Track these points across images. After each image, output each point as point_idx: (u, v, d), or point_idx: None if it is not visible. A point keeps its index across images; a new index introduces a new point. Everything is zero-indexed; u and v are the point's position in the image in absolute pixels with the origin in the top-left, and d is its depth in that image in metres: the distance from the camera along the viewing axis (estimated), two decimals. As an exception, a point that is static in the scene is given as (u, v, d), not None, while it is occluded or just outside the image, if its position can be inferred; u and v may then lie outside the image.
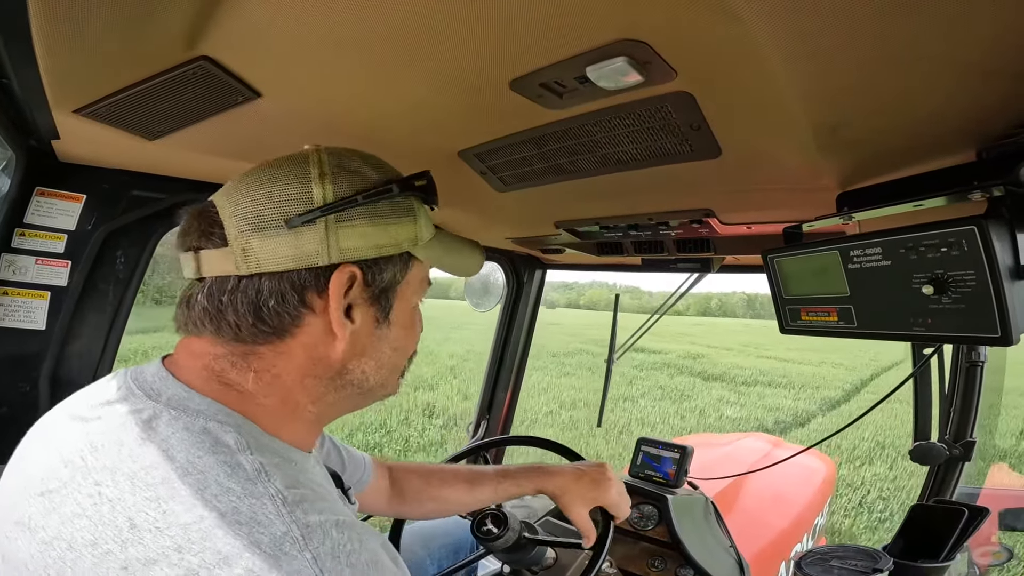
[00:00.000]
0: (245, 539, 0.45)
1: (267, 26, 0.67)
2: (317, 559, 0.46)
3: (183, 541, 0.44)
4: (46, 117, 0.85)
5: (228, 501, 0.47)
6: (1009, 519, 1.69)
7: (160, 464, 0.49)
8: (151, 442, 0.51)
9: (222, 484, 0.48)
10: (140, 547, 0.45)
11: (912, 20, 0.51)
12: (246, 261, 0.58)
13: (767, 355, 23.64)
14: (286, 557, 0.45)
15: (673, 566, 1.63)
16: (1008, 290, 0.72)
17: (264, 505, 0.48)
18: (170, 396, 0.56)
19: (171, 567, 0.44)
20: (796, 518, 2.56)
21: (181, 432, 0.52)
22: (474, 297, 2.26)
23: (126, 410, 0.55)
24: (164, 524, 0.45)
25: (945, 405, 1.60)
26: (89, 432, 0.54)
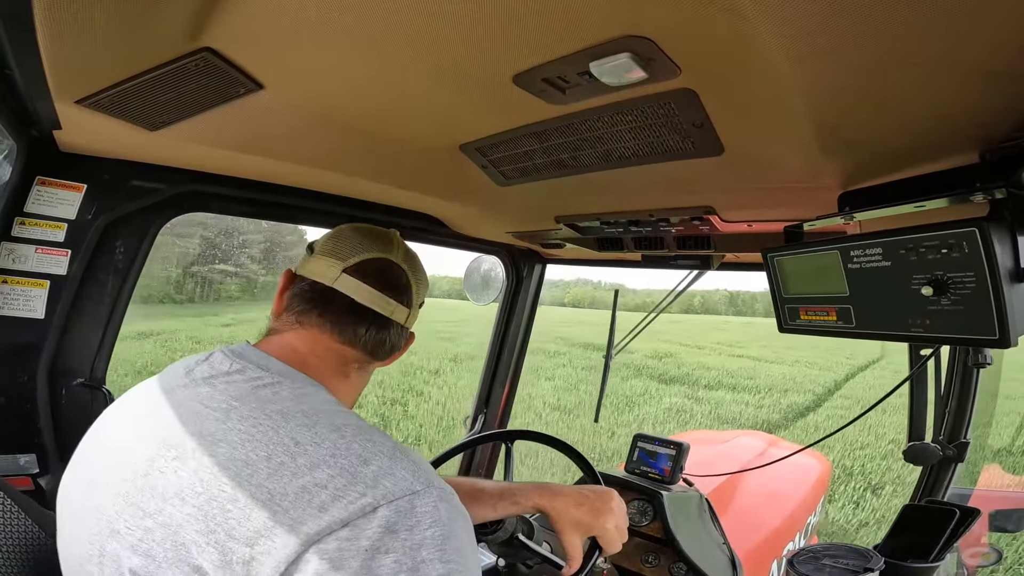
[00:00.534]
0: (373, 448, 0.63)
1: (270, 18, 0.67)
2: (414, 462, 0.65)
3: (334, 450, 0.61)
4: (48, 107, 0.85)
5: (354, 428, 0.65)
6: (999, 520, 1.70)
7: (296, 405, 0.66)
8: (282, 393, 0.68)
9: (345, 419, 0.67)
10: (305, 457, 0.60)
11: (916, 21, 0.52)
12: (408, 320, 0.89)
13: (739, 354, 23.02)
14: (399, 460, 0.63)
15: (667, 562, 1.64)
16: (1007, 292, 0.72)
17: (375, 431, 0.67)
18: (279, 370, 0.73)
19: (329, 468, 0.59)
20: (789, 517, 2.58)
21: (300, 390, 0.70)
22: (473, 291, 2.25)
23: (247, 377, 0.70)
24: (319, 439, 0.62)
25: (940, 406, 1.61)
26: (224, 390, 0.68)
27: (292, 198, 1.42)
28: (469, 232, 1.92)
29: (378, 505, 0.58)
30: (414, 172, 1.26)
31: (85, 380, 1.22)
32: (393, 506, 0.58)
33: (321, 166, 1.22)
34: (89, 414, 1.23)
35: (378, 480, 0.60)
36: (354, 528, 0.56)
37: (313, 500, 0.57)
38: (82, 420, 1.22)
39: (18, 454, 1.14)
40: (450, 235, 1.89)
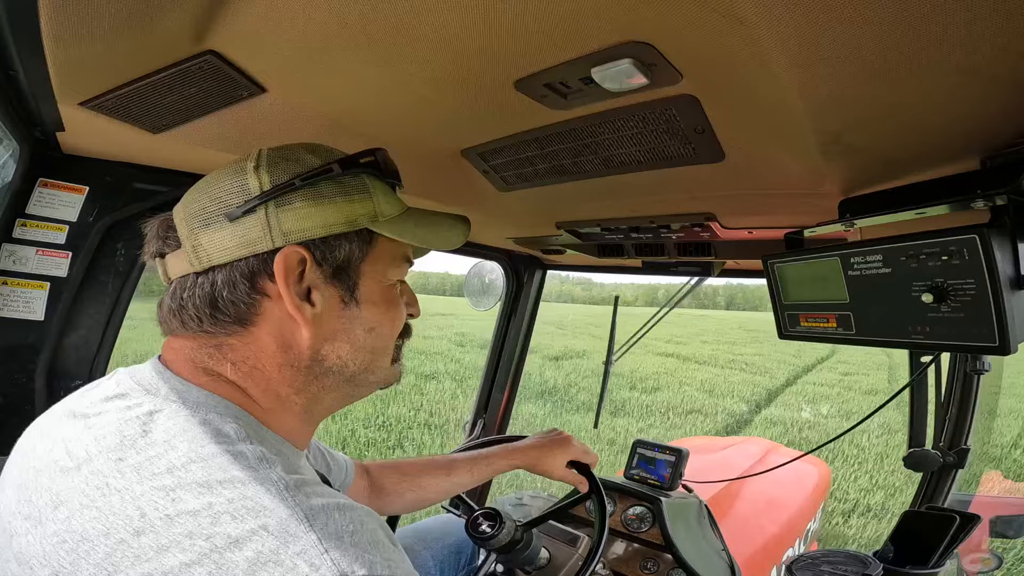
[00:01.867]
0: (253, 523, 0.47)
1: (274, 22, 0.67)
2: (322, 539, 0.47)
3: (193, 527, 0.46)
4: (52, 109, 0.85)
5: (234, 488, 0.49)
6: (1000, 526, 1.70)
7: (164, 455, 0.51)
8: (154, 434, 0.53)
9: (226, 471, 0.50)
10: (152, 535, 0.46)
11: (917, 28, 0.52)
12: (197, 258, 0.61)
13: (669, 352, 19.56)
14: (292, 538, 0.46)
15: (665, 568, 1.63)
16: (1008, 300, 0.72)
17: (268, 490, 0.50)
18: (168, 390, 0.58)
19: (183, 552, 0.45)
20: (789, 523, 2.57)
21: (183, 423, 0.54)
22: (473, 296, 2.26)
23: (126, 404, 0.57)
24: (174, 512, 0.47)
25: (941, 413, 1.61)
26: (91, 427, 0.55)
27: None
28: (470, 238, 1.92)
29: None
30: (415, 177, 1.26)
31: (84, 382, 1.21)
32: None
33: (322, 170, 1.22)
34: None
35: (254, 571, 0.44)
36: None
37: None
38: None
39: (16, 456, 1.13)
40: (451, 240, 1.89)
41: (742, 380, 14.65)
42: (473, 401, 2.41)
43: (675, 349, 20.55)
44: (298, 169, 0.63)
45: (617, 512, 1.78)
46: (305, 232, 0.62)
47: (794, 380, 14.99)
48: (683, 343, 23.42)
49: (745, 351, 21.75)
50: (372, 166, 0.68)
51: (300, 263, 0.62)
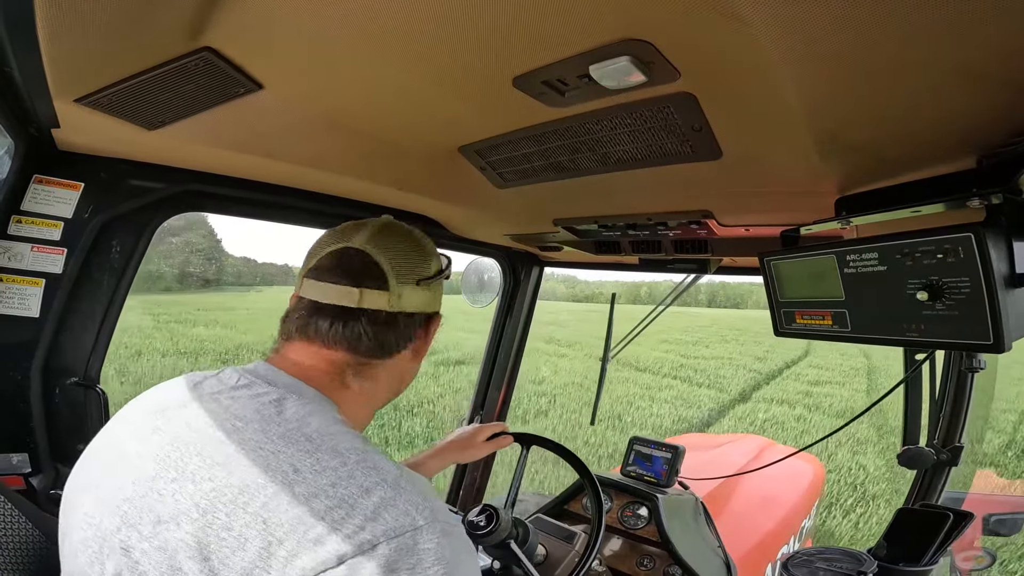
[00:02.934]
0: (376, 476, 0.60)
1: (270, 19, 0.67)
2: (420, 492, 0.61)
3: (335, 478, 0.58)
4: (47, 106, 0.85)
5: (358, 453, 0.62)
6: (993, 524, 1.71)
7: (300, 428, 0.64)
8: (287, 413, 0.66)
9: (351, 443, 0.64)
10: (303, 485, 0.57)
11: (914, 27, 0.52)
12: (399, 303, 0.79)
13: (594, 354, 15.04)
14: (403, 490, 0.60)
15: (662, 565, 1.64)
16: (1002, 298, 0.73)
17: (380, 457, 0.64)
18: (286, 384, 0.71)
19: (327, 498, 0.57)
20: (784, 520, 2.58)
21: (309, 407, 0.68)
22: (470, 293, 2.26)
23: (253, 393, 0.69)
24: (319, 467, 0.59)
25: (935, 410, 1.61)
26: (228, 407, 0.67)
27: (290, 198, 1.42)
28: (467, 234, 1.93)
29: (377, 542, 0.55)
30: (413, 174, 1.26)
31: (79, 379, 1.21)
32: (394, 543, 0.55)
33: (319, 167, 1.22)
34: (83, 414, 1.22)
35: (379, 513, 0.57)
36: (351, 567, 0.53)
37: (309, 532, 0.54)
38: (75, 420, 1.22)
39: (10, 453, 1.13)
40: (448, 237, 1.89)
41: (674, 397, 12.38)
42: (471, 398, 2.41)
43: (651, 357, 18.10)
44: (411, 263, 0.83)
45: (614, 509, 1.78)
46: (417, 307, 0.83)
47: (748, 395, 13.08)
48: (635, 343, 21.52)
49: (703, 353, 19.97)
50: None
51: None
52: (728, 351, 20.79)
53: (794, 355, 18.97)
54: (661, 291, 15.18)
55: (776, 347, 20.42)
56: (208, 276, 59.16)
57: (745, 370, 16.32)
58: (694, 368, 16.39)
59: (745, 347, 21.43)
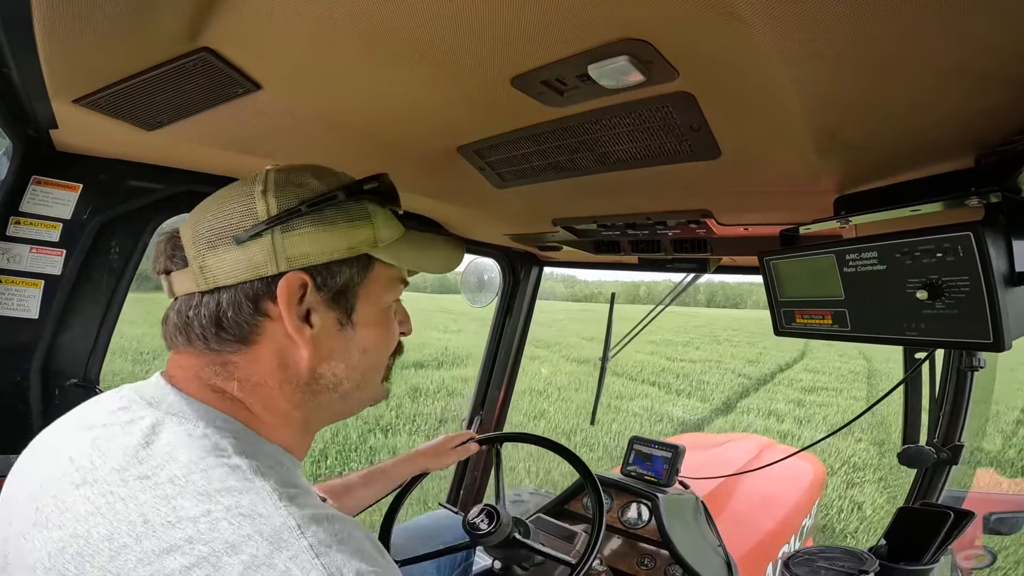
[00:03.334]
0: (249, 528, 0.49)
1: (269, 19, 0.67)
2: (312, 546, 0.50)
3: (193, 532, 0.48)
4: (45, 106, 0.85)
5: (231, 496, 0.51)
6: (994, 523, 1.71)
7: (166, 465, 0.53)
8: (155, 446, 0.55)
9: (224, 482, 0.52)
10: (154, 539, 0.48)
11: (913, 25, 0.52)
12: (204, 278, 0.63)
13: (591, 357, 12.87)
14: (285, 544, 0.49)
15: (663, 565, 1.64)
16: (1002, 296, 0.73)
17: (263, 499, 0.52)
18: (170, 404, 0.61)
19: (183, 555, 0.47)
20: (784, 519, 2.58)
21: (184, 436, 0.56)
22: (470, 293, 2.26)
23: (130, 418, 0.59)
24: (175, 518, 0.49)
25: (935, 409, 1.61)
26: (96, 439, 0.58)
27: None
28: (466, 234, 1.93)
29: None
30: (411, 174, 1.26)
31: (79, 380, 1.21)
32: None
33: (318, 167, 1.22)
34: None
35: (249, 575, 0.47)
36: None
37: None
38: (76, 421, 1.22)
39: (10, 455, 1.13)
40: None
41: (643, 409, 10.54)
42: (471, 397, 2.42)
43: (581, 353, 16.69)
44: (304, 194, 0.65)
45: (614, 509, 1.78)
46: (309, 258, 0.64)
47: (731, 405, 11.54)
48: (586, 345, 19.09)
49: (691, 355, 18.35)
50: (375, 192, 0.70)
51: (301, 287, 0.64)
52: (718, 353, 19.36)
53: (789, 357, 17.71)
54: (660, 291, 12.69)
55: (771, 348, 19.57)
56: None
57: (733, 375, 14.78)
58: (676, 372, 14.75)
59: (738, 348, 20.73)
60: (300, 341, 0.64)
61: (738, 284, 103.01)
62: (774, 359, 17.15)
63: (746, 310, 70.99)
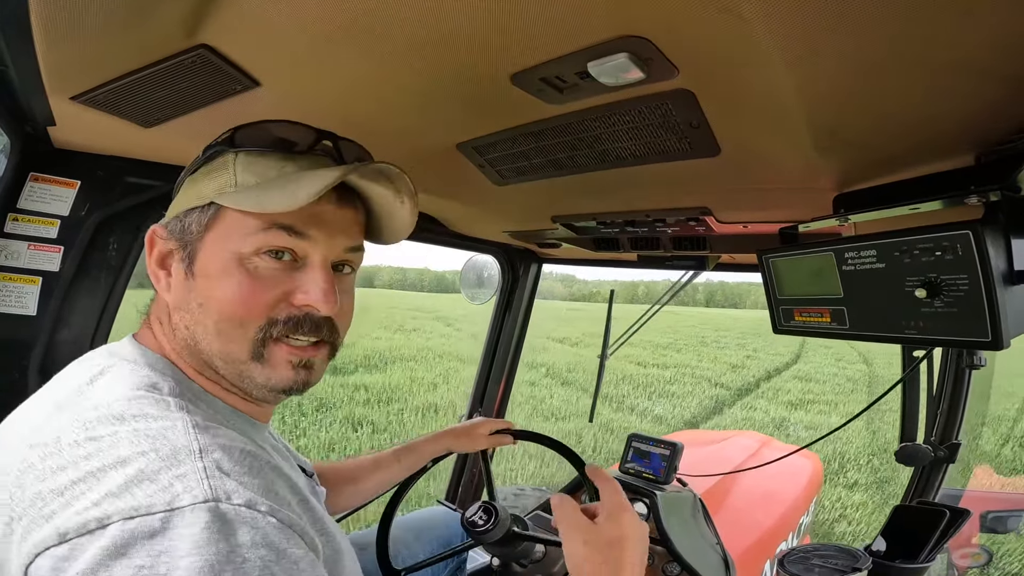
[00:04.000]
0: (146, 446, 0.49)
1: (267, 15, 0.67)
2: (206, 468, 0.49)
3: (93, 450, 0.49)
4: (43, 104, 0.84)
5: (144, 421, 0.52)
6: (990, 521, 1.72)
7: (95, 397, 0.56)
8: (98, 382, 0.59)
9: (143, 409, 0.54)
10: (57, 458, 0.49)
11: (913, 23, 0.52)
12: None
13: (547, 364, 13.42)
14: (179, 463, 0.48)
15: (660, 562, 1.64)
16: (1000, 295, 0.73)
17: (175, 425, 0.53)
18: (125, 352, 0.65)
19: (75, 471, 0.48)
20: (782, 517, 2.59)
21: (125, 375, 0.60)
22: (469, 289, 2.26)
23: (88, 365, 0.63)
24: (82, 438, 0.50)
25: (932, 407, 1.62)
26: (51, 385, 0.63)
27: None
28: (466, 231, 1.92)
29: (109, 521, 0.44)
30: (411, 171, 1.25)
31: (78, 377, 1.21)
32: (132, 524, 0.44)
33: (317, 164, 1.22)
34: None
35: (127, 488, 0.46)
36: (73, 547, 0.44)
37: (45, 508, 0.46)
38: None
39: (9, 452, 1.13)
40: (447, 234, 1.89)
41: (567, 433, 7.96)
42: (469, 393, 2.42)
43: (565, 359, 14.42)
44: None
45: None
46: (172, 213, 0.71)
47: (694, 426, 9.35)
48: (589, 346, 17.21)
49: (668, 360, 16.04)
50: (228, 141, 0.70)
51: (162, 239, 0.69)
52: (699, 357, 17.29)
53: (780, 362, 15.76)
54: (659, 290, 14.24)
55: (761, 351, 18.19)
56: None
57: (709, 384, 12.61)
58: (639, 383, 12.26)
59: (724, 351, 18.87)
60: (158, 287, 0.69)
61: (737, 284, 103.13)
62: (762, 364, 15.32)
63: (743, 310, 70.30)
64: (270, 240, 0.65)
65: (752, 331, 27.86)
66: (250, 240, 0.65)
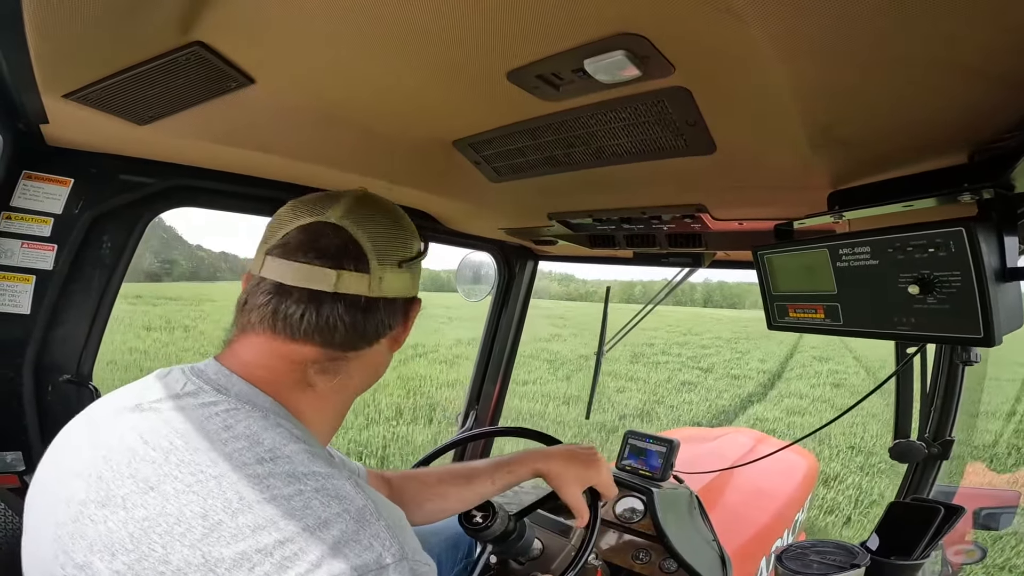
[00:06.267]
0: (337, 507, 0.54)
1: (261, 12, 0.66)
2: (388, 526, 0.56)
3: (287, 509, 0.52)
4: (35, 101, 0.84)
5: (318, 479, 0.56)
6: (983, 518, 1.73)
7: (251, 448, 0.57)
8: (236, 429, 0.58)
9: (308, 466, 0.57)
10: (249, 515, 0.51)
11: (907, 22, 0.52)
12: (380, 287, 0.71)
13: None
14: (367, 523, 0.54)
15: (657, 559, 1.64)
16: (993, 292, 0.73)
17: (344, 484, 0.57)
18: (238, 392, 0.64)
19: (278, 531, 0.51)
20: (777, 513, 2.59)
21: (260, 422, 0.60)
22: (465, 287, 2.25)
23: (200, 402, 0.61)
24: (269, 496, 0.53)
25: (926, 404, 1.62)
26: (169, 420, 0.60)
27: (283, 193, 1.40)
28: (462, 228, 1.92)
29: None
30: (407, 168, 1.26)
31: (71, 376, 1.20)
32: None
33: (312, 161, 1.22)
34: (75, 411, 1.21)
35: (338, 549, 0.51)
36: None
37: (256, 569, 0.49)
38: (68, 417, 1.19)
39: (4, 451, 1.12)
40: (443, 231, 1.89)
41: None
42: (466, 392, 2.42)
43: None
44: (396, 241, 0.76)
45: (609, 502, 1.79)
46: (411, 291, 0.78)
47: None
48: (555, 341, 15.93)
49: (616, 369, 12.76)
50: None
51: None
52: (658, 367, 13.77)
53: (757, 384, 11.57)
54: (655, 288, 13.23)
55: (743, 356, 15.47)
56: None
57: (666, 411, 9.59)
58: (536, 413, 8.87)
59: (688, 362, 14.78)
60: (392, 355, 0.79)
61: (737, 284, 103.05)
62: (735, 389, 11.17)
63: (735, 310, 69.19)
64: None
65: (734, 335, 24.95)
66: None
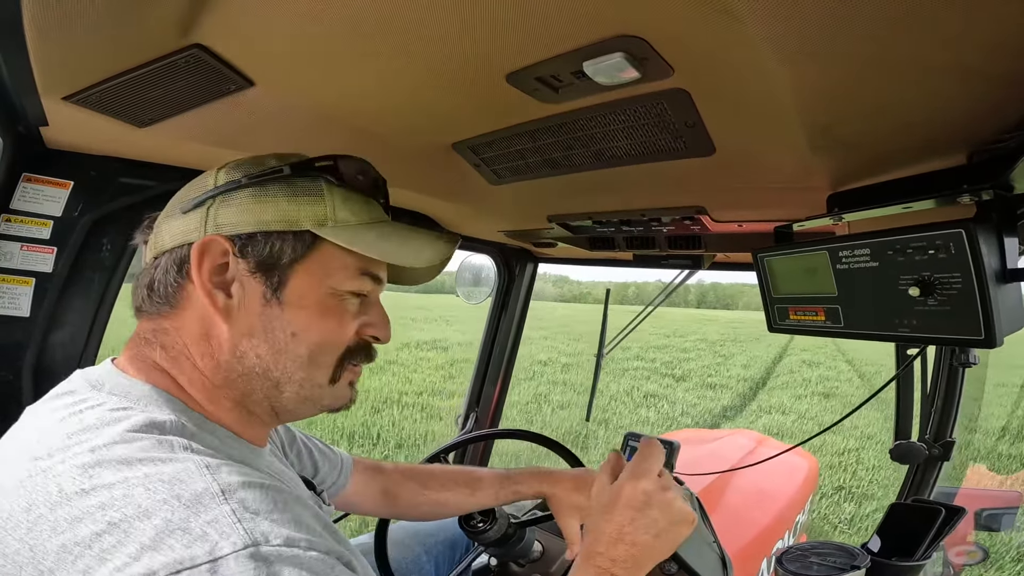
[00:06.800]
0: (165, 494, 0.47)
1: (261, 15, 0.66)
2: (235, 511, 0.48)
3: (107, 499, 0.47)
4: (35, 104, 0.84)
5: (152, 465, 0.50)
6: (985, 520, 1.72)
7: (91, 439, 0.52)
8: (87, 418, 0.55)
9: (147, 452, 0.51)
10: (67, 508, 0.47)
11: (906, 23, 0.52)
12: (155, 245, 0.67)
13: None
14: (204, 508, 0.47)
15: None
16: (993, 293, 0.73)
17: (187, 467, 0.50)
18: (112, 385, 0.61)
19: (94, 523, 0.46)
20: (778, 515, 2.59)
21: (118, 412, 0.56)
22: (464, 288, 2.26)
23: (72, 400, 0.59)
24: (89, 486, 0.48)
25: (926, 405, 1.62)
26: (35, 421, 0.59)
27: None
28: (461, 231, 1.92)
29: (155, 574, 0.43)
30: (406, 170, 1.26)
31: (72, 379, 1.20)
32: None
33: (312, 164, 1.22)
34: (76, 413, 1.21)
35: (161, 539, 0.44)
36: None
37: (77, 563, 0.45)
38: (68, 419, 1.21)
39: (3, 454, 1.12)
40: (442, 233, 1.89)
41: None
42: (466, 393, 2.41)
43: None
44: (252, 170, 0.67)
45: None
46: (236, 226, 0.65)
47: None
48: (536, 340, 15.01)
49: (582, 380, 10.84)
50: (330, 172, 0.69)
51: (223, 254, 0.64)
52: (623, 376, 11.99)
53: (734, 395, 10.33)
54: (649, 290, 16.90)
55: (725, 361, 14.27)
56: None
57: (606, 427, 8.04)
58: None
59: (664, 367, 13.56)
60: (212, 308, 0.64)
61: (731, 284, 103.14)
62: (701, 402, 9.91)
63: (724, 311, 67.88)
64: (362, 285, 0.71)
65: (721, 337, 22.97)
66: (349, 282, 0.69)
